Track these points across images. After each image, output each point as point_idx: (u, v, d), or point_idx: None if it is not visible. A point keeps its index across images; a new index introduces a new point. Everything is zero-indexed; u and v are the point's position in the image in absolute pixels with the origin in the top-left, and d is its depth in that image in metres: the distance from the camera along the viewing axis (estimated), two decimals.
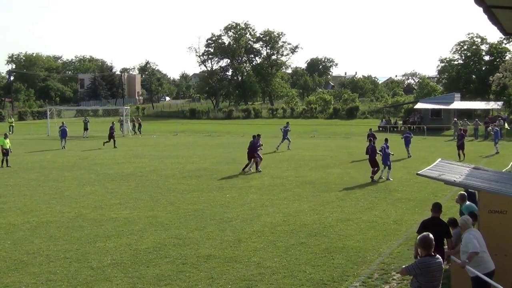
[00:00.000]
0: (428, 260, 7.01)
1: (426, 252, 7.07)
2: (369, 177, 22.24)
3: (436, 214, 9.77)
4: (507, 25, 8.88)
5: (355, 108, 72.92)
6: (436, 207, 9.83)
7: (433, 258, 7.06)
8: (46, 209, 17.14)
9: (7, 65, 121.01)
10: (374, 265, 11.39)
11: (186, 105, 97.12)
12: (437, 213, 9.79)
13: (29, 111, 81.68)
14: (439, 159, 12.69)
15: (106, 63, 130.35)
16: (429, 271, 6.99)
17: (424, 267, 6.99)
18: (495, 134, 34.06)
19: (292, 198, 18.73)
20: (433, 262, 7.03)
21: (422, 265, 7.00)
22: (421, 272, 6.99)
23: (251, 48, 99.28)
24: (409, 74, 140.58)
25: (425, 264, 7.00)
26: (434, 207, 9.83)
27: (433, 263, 7.02)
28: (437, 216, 9.78)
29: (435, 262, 7.04)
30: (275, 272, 10.95)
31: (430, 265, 7.00)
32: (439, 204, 9.99)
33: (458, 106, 54.66)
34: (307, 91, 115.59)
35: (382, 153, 22.77)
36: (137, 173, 24.83)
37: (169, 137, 47.64)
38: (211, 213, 16.30)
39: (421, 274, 6.99)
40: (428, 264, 6.99)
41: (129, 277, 10.71)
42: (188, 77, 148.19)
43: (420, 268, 6.99)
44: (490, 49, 71.61)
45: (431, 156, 24.09)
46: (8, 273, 11.06)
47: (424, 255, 7.09)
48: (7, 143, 27.62)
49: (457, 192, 12.98)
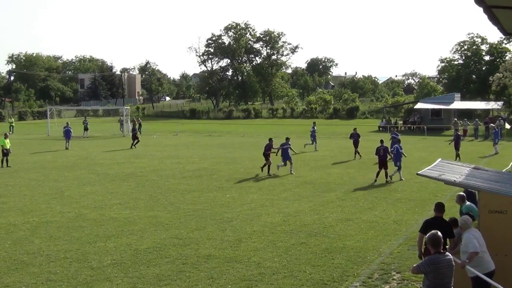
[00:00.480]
0: (437, 258, 7.07)
1: (436, 250, 7.12)
2: (368, 177, 22.21)
3: (439, 214, 9.80)
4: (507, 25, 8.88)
5: (355, 108, 72.96)
6: (439, 206, 9.85)
7: (443, 255, 7.11)
8: (46, 209, 17.15)
9: (7, 65, 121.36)
10: (374, 265, 11.39)
11: (186, 105, 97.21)
12: (440, 212, 9.81)
13: (29, 111, 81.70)
14: (439, 159, 12.68)
15: (106, 63, 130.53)
16: (439, 267, 7.03)
17: (433, 264, 7.03)
18: (494, 134, 33.99)
19: (292, 198, 18.73)
20: (442, 259, 7.07)
21: (432, 262, 7.05)
22: (431, 269, 7.03)
23: (251, 48, 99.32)
24: (409, 74, 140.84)
25: (434, 261, 7.05)
26: (437, 207, 9.85)
27: (442, 260, 7.06)
28: (440, 216, 9.80)
29: (444, 259, 7.09)
30: (275, 272, 10.95)
31: (440, 262, 7.04)
32: (442, 203, 10.00)
33: (458, 106, 54.68)
34: (307, 91, 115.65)
35: (394, 153, 22.51)
36: (137, 173, 24.83)
37: (169, 137, 47.64)
38: (211, 213, 16.30)
39: (431, 272, 7.03)
40: (437, 261, 7.04)
41: (129, 277, 10.71)
42: (188, 77, 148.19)
43: (429, 265, 7.04)
44: (490, 49, 71.63)
45: (431, 156, 24.09)
46: (8, 273, 11.06)
47: (434, 253, 7.13)
48: (7, 143, 27.63)
49: (457, 192, 12.99)
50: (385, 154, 22.16)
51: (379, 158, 22.18)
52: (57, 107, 70.33)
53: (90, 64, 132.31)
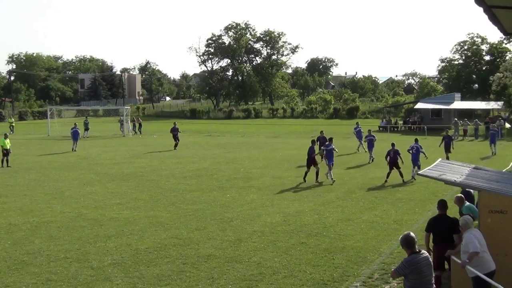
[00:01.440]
0: (415, 258, 7.01)
1: (411, 250, 7.08)
2: (368, 177, 22.18)
3: (442, 211, 9.85)
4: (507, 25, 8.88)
5: (356, 108, 72.94)
6: (442, 204, 9.91)
7: (419, 254, 7.07)
8: (46, 209, 17.15)
9: (7, 65, 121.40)
10: (375, 265, 11.38)
11: (186, 105, 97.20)
12: (443, 210, 9.86)
13: (30, 111, 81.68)
14: (439, 159, 12.69)
15: (106, 63, 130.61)
16: (419, 267, 6.98)
17: (412, 265, 6.98)
18: (491, 136, 32.90)
19: (292, 198, 18.73)
20: (420, 258, 7.03)
21: (410, 263, 7.00)
22: (410, 270, 6.98)
23: (251, 48, 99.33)
24: (409, 74, 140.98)
25: (412, 262, 6.99)
26: (440, 204, 9.89)
27: (420, 259, 7.02)
28: (444, 213, 9.84)
29: (422, 258, 7.05)
30: (276, 272, 10.95)
31: (418, 262, 7.00)
32: (445, 200, 10.06)
33: (459, 106, 54.66)
34: (308, 91, 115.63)
35: (413, 152, 21.98)
36: (137, 173, 24.83)
37: (169, 137, 47.55)
38: (212, 213, 16.30)
39: (411, 273, 6.98)
40: (415, 262, 6.99)
41: (130, 277, 10.71)
42: (188, 77, 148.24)
43: (408, 267, 6.99)
44: (491, 49, 71.55)
45: (431, 156, 24.07)
46: (8, 273, 11.06)
47: (410, 254, 7.08)
48: (7, 143, 27.63)
49: (457, 192, 12.99)
50: (395, 156, 21.55)
51: (389, 160, 21.64)
52: (57, 107, 70.29)
53: (90, 64, 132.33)
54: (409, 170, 22.37)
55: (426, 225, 9.87)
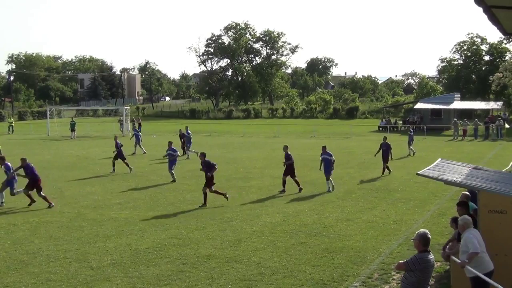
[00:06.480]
0: (427, 256, 7.21)
1: (424, 248, 7.26)
2: (368, 177, 22.19)
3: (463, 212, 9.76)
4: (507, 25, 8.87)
5: (355, 108, 72.89)
6: (463, 204, 9.92)
7: (430, 254, 7.28)
8: (46, 209, 17.14)
9: (7, 65, 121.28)
10: (374, 265, 11.38)
11: (186, 105, 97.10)
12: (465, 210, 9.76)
13: (29, 111, 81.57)
14: (439, 159, 12.68)
15: (106, 63, 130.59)
16: (427, 266, 7.20)
17: (424, 262, 7.17)
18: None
19: (292, 198, 18.73)
20: (430, 258, 7.25)
21: (423, 260, 7.17)
22: (421, 267, 7.14)
23: (251, 48, 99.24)
24: (409, 74, 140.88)
25: (425, 260, 7.18)
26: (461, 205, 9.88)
27: (431, 259, 7.25)
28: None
29: (431, 259, 7.28)
30: (275, 272, 10.95)
31: (429, 261, 7.21)
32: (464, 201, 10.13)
33: (458, 106, 54.65)
34: (307, 91, 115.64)
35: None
36: (137, 173, 24.82)
37: (169, 137, 47.51)
38: (211, 213, 16.30)
39: (419, 270, 7.14)
40: (427, 260, 7.19)
41: (129, 277, 10.71)
42: (188, 77, 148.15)
43: (420, 264, 7.15)
44: (490, 49, 71.56)
45: (431, 156, 24.07)
46: (8, 273, 11.06)
47: (422, 251, 7.25)
48: None
49: (457, 192, 12.99)
50: (387, 151, 23.59)
51: (382, 154, 23.64)
52: (57, 107, 70.23)
53: (90, 64, 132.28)
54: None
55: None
